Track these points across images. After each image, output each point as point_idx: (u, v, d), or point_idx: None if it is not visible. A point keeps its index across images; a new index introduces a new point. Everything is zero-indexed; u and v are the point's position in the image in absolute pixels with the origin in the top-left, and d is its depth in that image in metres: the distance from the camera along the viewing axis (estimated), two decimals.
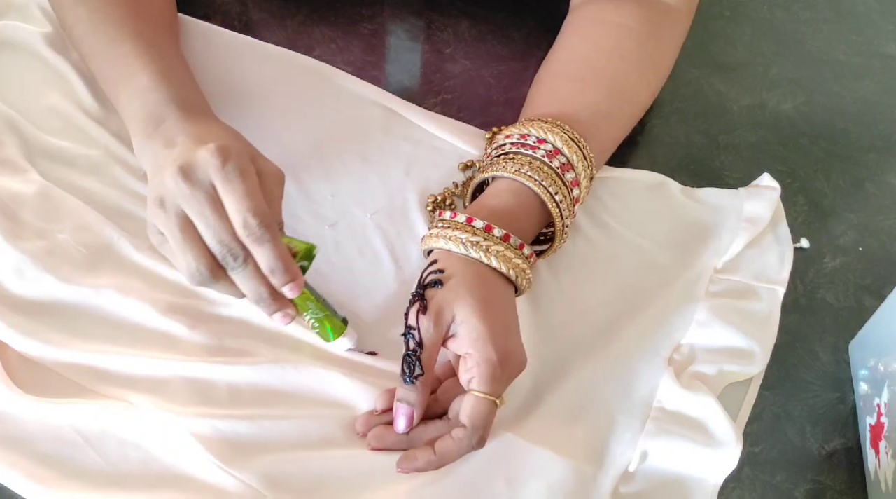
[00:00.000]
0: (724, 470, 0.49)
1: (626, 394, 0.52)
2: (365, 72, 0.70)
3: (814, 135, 0.70)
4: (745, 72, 0.74)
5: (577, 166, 0.56)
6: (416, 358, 0.48)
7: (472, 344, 0.47)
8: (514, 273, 0.51)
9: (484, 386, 0.47)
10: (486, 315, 0.48)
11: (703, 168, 0.67)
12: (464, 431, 0.47)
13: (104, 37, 0.57)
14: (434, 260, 0.51)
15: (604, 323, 0.56)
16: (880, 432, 0.50)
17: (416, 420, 0.49)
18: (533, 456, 0.49)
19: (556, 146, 0.55)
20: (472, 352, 0.47)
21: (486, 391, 0.47)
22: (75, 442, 0.48)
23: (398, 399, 0.49)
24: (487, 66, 0.72)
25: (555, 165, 0.55)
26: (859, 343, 0.57)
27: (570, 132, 0.56)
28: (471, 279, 0.49)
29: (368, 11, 0.75)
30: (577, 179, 0.56)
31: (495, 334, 0.47)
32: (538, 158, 0.55)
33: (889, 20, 0.79)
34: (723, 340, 0.55)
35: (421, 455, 0.48)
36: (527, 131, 0.56)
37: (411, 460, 0.48)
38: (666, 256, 0.60)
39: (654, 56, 0.63)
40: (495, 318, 0.48)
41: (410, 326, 0.48)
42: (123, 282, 0.54)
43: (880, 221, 0.65)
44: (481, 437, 0.47)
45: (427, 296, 0.49)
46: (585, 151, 0.56)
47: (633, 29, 0.62)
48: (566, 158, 0.55)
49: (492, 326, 0.48)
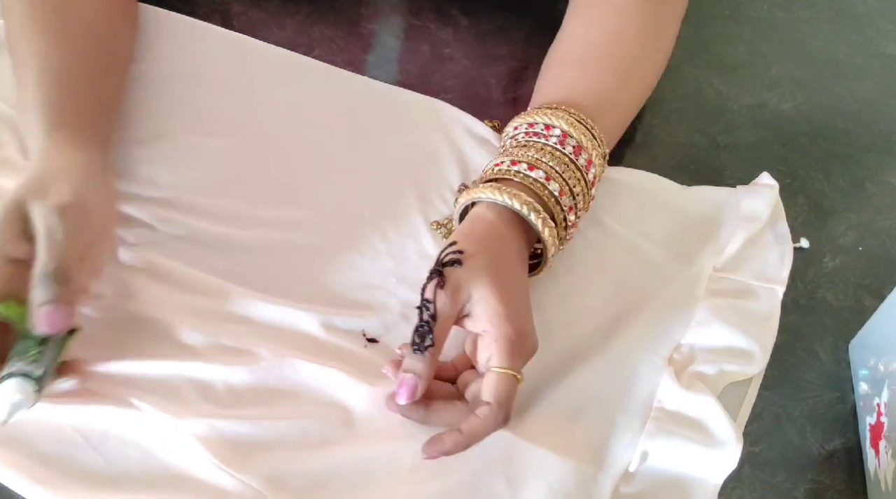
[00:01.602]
0: (724, 470, 0.49)
1: (627, 394, 0.52)
2: (364, 72, 0.70)
3: (814, 135, 0.70)
4: (745, 72, 0.74)
5: (587, 146, 0.55)
6: (429, 329, 0.48)
7: (490, 321, 0.48)
8: (550, 239, 0.51)
9: (504, 361, 0.47)
10: (503, 295, 0.48)
11: (703, 168, 0.67)
12: (489, 408, 0.47)
13: (23, 45, 0.58)
14: (453, 241, 0.51)
15: (603, 323, 0.56)
16: (880, 432, 0.50)
17: (419, 393, 0.48)
18: (533, 456, 0.49)
19: (571, 135, 0.55)
20: (490, 329, 0.48)
21: (506, 366, 0.47)
22: (75, 442, 0.48)
23: (404, 369, 0.48)
24: (487, 66, 0.72)
25: (567, 150, 0.55)
26: (859, 343, 0.57)
27: (575, 114, 0.56)
28: (489, 260, 0.50)
29: (368, 11, 0.75)
30: (590, 159, 0.56)
31: (511, 312, 0.48)
32: (551, 145, 0.55)
33: (889, 20, 0.79)
34: (723, 340, 0.55)
35: (448, 437, 0.47)
36: (536, 120, 0.56)
37: (438, 444, 0.47)
38: (664, 255, 0.60)
39: (655, 33, 0.63)
40: (512, 296, 0.49)
41: (427, 299, 0.48)
42: (120, 281, 0.54)
43: (880, 221, 0.65)
44: (507, 413, 0.47)
45: (445, 273, 0.49)
46: (594, 131, 0.56)
47: (633, 10, 0.62)
48: (584, 149, 0.55)
49: (508, 304, 0.48)
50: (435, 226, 0.60)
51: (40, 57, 0.56)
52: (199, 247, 0.57)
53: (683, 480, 0.49)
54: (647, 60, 0.63)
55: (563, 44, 0.64)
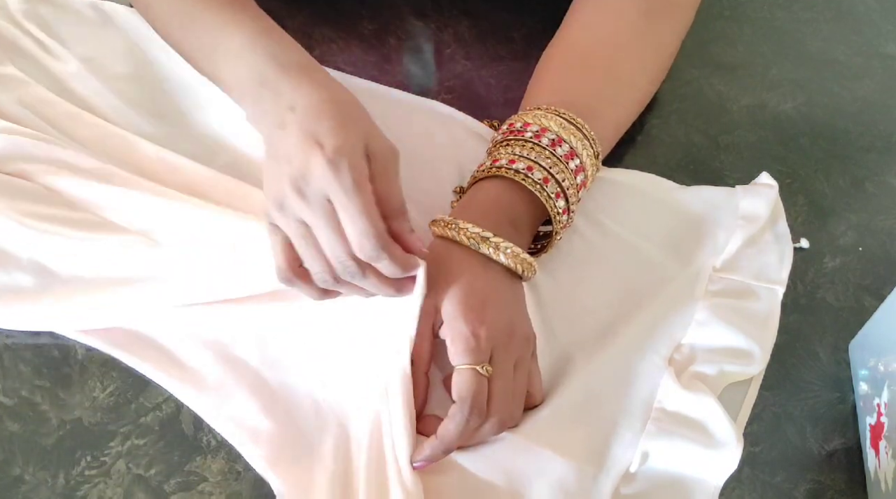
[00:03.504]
0: (725, 471, 0.49)
1: (627, 394, 0.52)
2: (364, 72, 0.70)
3: (814, 135, 0.70)
4: (745, 72, 0.74)
5: (576, 146, 0.56)
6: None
7: (448, 325, 0.50)
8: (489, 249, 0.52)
9: (459, 357, 0.48)
10: (461, 296, 0.50)
11: (703, 168, 0.67)
12: (455, 406, 0.48)
13: (189, 5, 0.56)
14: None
15: (603, 323, 0.56)
16: (880, 432, 0.50)
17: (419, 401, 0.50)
18: (533, 456, 0.49)
19: (549, 129, 0.56)
20: (447, 331, 0.50)
21: (463, 362, 0.48)
22: None
23: None
24: (487, 66, 0.72)
25: (544, 142, 0.55)
26: (859, 343, 0.57)
27: (565, 115, 0.56)
28: (450, 269, 0.51)
29: (368, 11, 0.75)
30: (575, 156, 0.56)
31: (468, 310, 0.49)
32: (529, 139, 0.55)
33: (889, 20, 0.79)
34: (723, 340, 0.55)
35: (426, 444, 0.48)
36: (520, 120, 0.57)
37: (420, 453, 0.48)
38: (663, 255, 0.60)
39: (653, 44, 0.64)
40: (469, 296, 0.50)
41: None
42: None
43: (880, 221, 0.65)
44: (472, 407, 0.47)
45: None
46: (585, 131, 0.57)
47: (632, 18, 0.63)
48: (564, 141, 0.56)
49: (464, 303, 0.49)
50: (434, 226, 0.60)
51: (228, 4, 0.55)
52: None
53: (684, 481, 0.49)
54: (643, 69, 0.63)
55: (559, 47, 0.64)
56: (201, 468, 0.50)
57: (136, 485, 0.49)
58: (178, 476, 0.50)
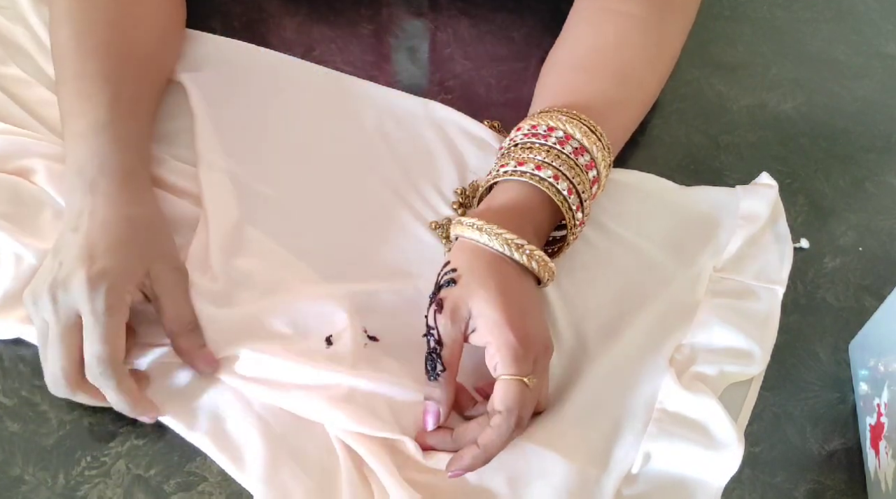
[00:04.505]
0: (726, 473, 0.49)
1: (628, 395, 0.52)
2: (364, 72, 0.70)
3: (814, 135, 0.70)
4: (745, 72, 0.74)
5: (597, 157, 0.55)
6: (437, 356, 0.49)
7: (490, 332, 0.48)
8: (526, 258, 0.51)
9: (508, 368, 0.47)
10: (500, 303, 0.48)
11: (703, 168, 0.67)
12: (500, 416, 0.47)
13: (70, 66, 0.57)
14: (447, 262, 0.51)
15: (605, 325, 0.56)
16: (880, 432, 0.50)
17: (444, 417, 0.50)
18: (535, 458, 0.49)
19: (574, 137, 0.55)
20: (491, 339, 0.48)
21: (511, 373, 0.47)
22: None
23: (425, 398, 0.50)
24: (487, 66, 0.72)
25: (567, 150, 0.54)
26: (859, 343, 0.57)
27: (587, 122, 0.56)
28: (482, 271, 0.50)
29: (368, 11, 0.75)
30: (594, 167, 0.55)
31: (512, 319, 0.48)
32: (553, 146, 0.54)
33: (889, 20, 0.79)
34: (723, 341, 0.55)
35: (467, 453, 0.48)
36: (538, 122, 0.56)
37: (459, 461, 0.48)
38: (664, 255, 0.60)
39: (659, 44, 0.64)
40: (510, 304, 0.49)
41: (430, 326, 0.50)
42: None
43: (880, 221, 0.65)
44: (518, 418, 0.47)
45: (442, 295, 0.50)
46: (603, 140, 0.56)
47: (638, 17, 0.62)
48: (586, 150, 0.55)
49: (506, 311, 0.48)
50: (433, 226, 0.60)
51: (109, 82, 0.56)
52: None
53: (686, 482, 0.49)
54: (651, 69, 0.63)
55: (566, 47, 0.64)
56: (201, 468, 0.50)
57: (136, 485, 0.49)
58: (178, 476, 0.50)
